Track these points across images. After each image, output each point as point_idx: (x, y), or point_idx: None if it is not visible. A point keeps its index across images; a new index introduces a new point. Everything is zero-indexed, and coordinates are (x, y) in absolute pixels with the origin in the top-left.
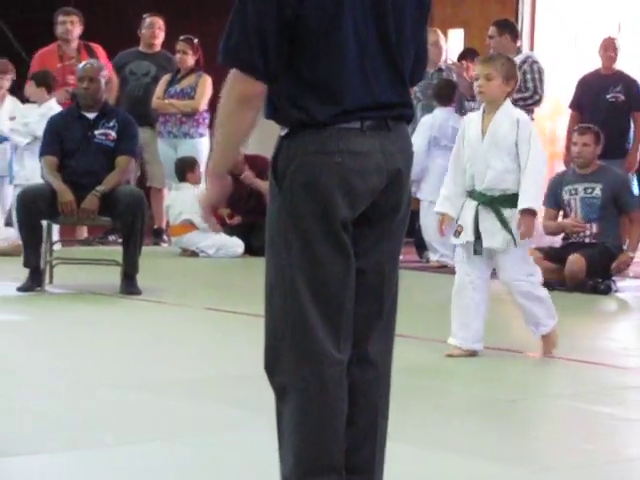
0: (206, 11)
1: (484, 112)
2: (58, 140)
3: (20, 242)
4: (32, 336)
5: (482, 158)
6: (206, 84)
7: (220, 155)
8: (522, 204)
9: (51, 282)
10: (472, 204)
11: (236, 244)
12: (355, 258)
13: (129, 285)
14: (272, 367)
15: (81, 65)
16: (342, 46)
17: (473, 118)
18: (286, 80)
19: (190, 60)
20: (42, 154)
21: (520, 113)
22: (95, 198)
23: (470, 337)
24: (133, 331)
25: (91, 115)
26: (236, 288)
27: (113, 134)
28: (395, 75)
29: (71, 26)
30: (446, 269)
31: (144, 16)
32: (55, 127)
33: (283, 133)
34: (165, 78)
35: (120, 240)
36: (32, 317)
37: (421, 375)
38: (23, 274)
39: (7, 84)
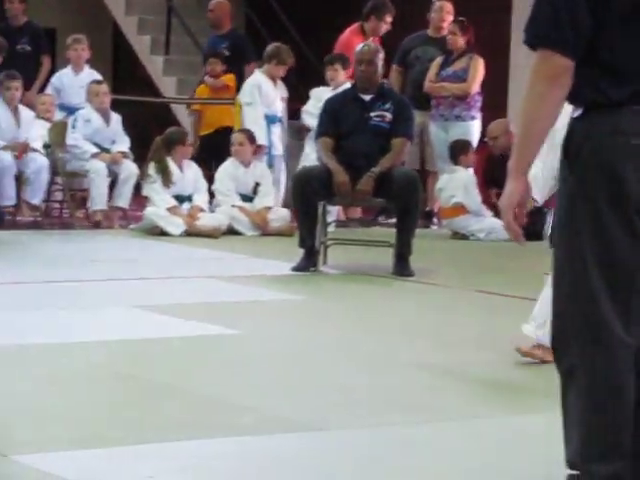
0: None
1: None
2: (334, 122)
3: (293, 222)
4: (307, 315)
5: None
6: (478, 66)
7: (525, 147)
8: None
9: (325, 262)
10: None
11: None
12: None
13: (402, 266)
14: (559, 348)
15: (358, 48)
16: None
17: None
18: (582, 59)
19: (460, 41)
20: (318, 135)
21: None
22: (370, 179)
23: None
24: (405, 312)
25: (367, 97)
26: (507, 271)
27: (389, 116)
28: None
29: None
30: None
31: (434, 0)
32: (332, 109)
33: (576, 114)
34: (437, 61)
35: (390, 221)
36: (307, 296)
37: None
38: (297, 254)
39: (283, 73)
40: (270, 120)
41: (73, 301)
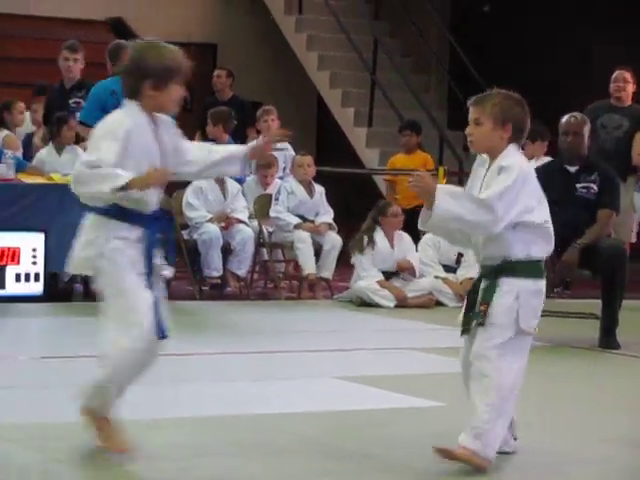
0: None
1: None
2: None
3: None
4: None
5: None
6: None
7: None
8: None
9: None
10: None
11: None
12: None
13: (609, 339)
14: None
15: (565, 118)
16: None
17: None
18: None
19: None
20: None
21: (512, 158)
22: (575, 250)
23: None
24: (614, 385)
25: (573, 168)
26: None
27: (595, 187)
28: None
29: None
30: None
31: (615, 70)
32: (537, 179)
33: None
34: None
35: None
36: None
37: None
38: None
39: None
40: None
41: (277, 371)
